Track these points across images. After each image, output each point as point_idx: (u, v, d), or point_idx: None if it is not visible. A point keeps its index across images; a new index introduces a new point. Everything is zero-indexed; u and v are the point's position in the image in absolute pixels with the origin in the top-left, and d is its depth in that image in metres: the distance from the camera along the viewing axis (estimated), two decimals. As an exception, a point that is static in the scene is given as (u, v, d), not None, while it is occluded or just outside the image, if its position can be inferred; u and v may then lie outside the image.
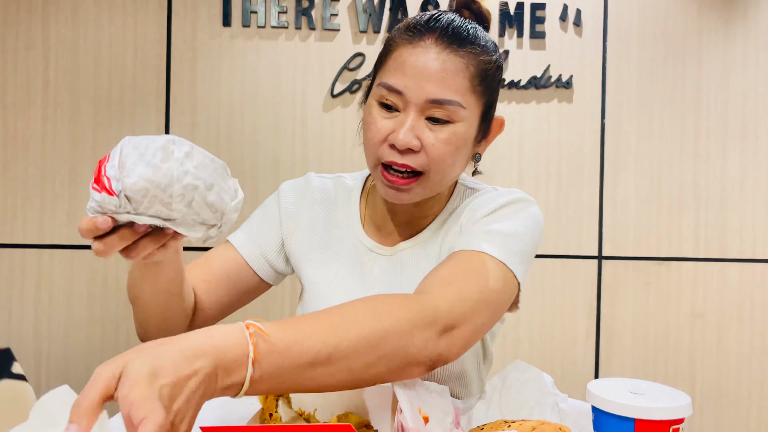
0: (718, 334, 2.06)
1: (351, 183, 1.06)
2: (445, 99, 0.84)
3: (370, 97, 0.91)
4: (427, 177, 0.87)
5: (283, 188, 1.06)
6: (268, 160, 1.99)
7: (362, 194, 1.04)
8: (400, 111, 0.87)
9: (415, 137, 0.84)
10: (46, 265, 1.96)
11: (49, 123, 1.96)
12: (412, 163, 0.85)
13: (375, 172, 0.90)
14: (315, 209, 1.03)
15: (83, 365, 1.96)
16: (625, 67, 2.05)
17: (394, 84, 0.85)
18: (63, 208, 1.96)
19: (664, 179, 2.05)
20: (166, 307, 0.86)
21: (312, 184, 1.05)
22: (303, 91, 2.00)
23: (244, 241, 1.01)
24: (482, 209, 0.92)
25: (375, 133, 0.87)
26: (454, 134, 0.86)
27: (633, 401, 0.59)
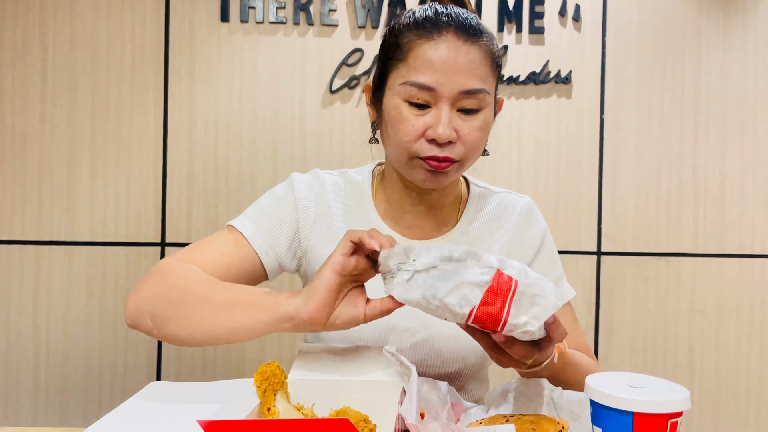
0: (717, 329, 2.06)
1: (359, 178, 1.06)
2: (476, 89, 0.88)
3: (392, 97, 0.91)
4: (462, 163, 0.92)
5: (297, 180, 1.03)
6: (266, 156, 1.98)
7: (372, 189, 1.05)
8: (430, 106, 0.88)
9: (452, 129, 0.88)
10: (45, 261, 1.96)
11: (47, 119, 1.96)
12: (452, 155, 0.89)
13: (411, 164, 0.92)
14: (331, 204, 1.02)
15: (82, 362, 1.96)
16: (624, 63, 2.04)
17: (425, 82, 0.87)
18: (61, 204, 1.96)
19: (663, 175, 2.05)
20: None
21: (323, 179, 1.04)
22: (301, 87, 1.99)
23: (255, 233, 0.97)
24: (541, 249, 1.04)
25: (410, 130, 0.89)
26: (484, 120, 0.91)
27: (631, 395, 0.59)
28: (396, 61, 0.90)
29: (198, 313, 0.78)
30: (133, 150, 1.97)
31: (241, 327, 0.76)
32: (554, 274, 1.04)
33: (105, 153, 1.97)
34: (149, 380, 1.96)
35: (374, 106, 0.98)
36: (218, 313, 0.77)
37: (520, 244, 1.03)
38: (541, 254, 1.04)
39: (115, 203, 1.97)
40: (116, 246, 1.97)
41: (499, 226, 1.04)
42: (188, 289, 0.82)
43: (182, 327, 0.79)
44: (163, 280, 0.86)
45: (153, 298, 0.84)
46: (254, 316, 0.75)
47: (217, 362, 1.98)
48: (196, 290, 0.81)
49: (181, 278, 0.85)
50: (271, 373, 0.69)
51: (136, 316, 0.85)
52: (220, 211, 1.98)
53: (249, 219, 0.99)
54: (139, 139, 1.97)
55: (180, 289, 0.82)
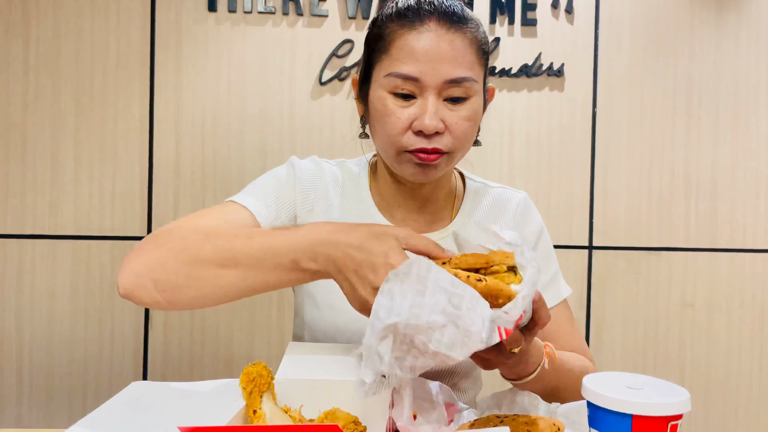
0: (707, 323, 2.06)
1: (357, 169, 1.04)
2: (462, 77, 0.85)
3: (377, 89, 0.88)
4: (451, 155, 0.90)
5: (297, 163, 1.00)
6: (254, 148, 1.95)
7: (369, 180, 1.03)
8: (416, 97, 0.86)
9: (439, 120, 0.85)
10: (28, 255, 1.92)
11: (29, 110, 1.91)
12: (440, 146, 0.87)
13: (400, 158, 0.89)
14: (329, 193, 1.00)
15: (66, 357, 1.92)
16: (616, 56, 2.03)
17: (409, 72, 0.84)
18: (45, 197, 1.92)
19: (655, 169, 2.04)
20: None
21: (322, 167, 1.02)
22: (291, 79, 1.96)
23: (261, 209, 0.92)
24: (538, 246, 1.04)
25: (396, 123, 0.86)
26: (472, 109, 0.88)
27: (630, 397, 0.57)
28: (380, 53, 0.89)
29: (219, 275, 0.75)
30: (119, 142, 1.93)
31: (263, 286, 0.76)
32: (550, 271, 1.02)
33: (89, 145, 1.93)
34: (136, 378, 1.93)
35: (362, 101, 0.96)
36: (244, 273, 0.75)
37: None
38: (537, 251, 1.03)
39: (100, 196, 1.93)
40: (101, 240, 1.93)
41: (495, 222, 1.02)
42: (201, 249, 0.77)
43: (199, 293, 0.76)
44: (167, 243, 0.79)
45: (156, 264, 0.78)
46: (279, 276, 0.75)
47: (205, 359, 1.95)
48: (212, 251, 0.76)
49: (188, 238, 0.79)
50: (257, 374, 0.66)
51: (133, 284, 0.79)
52: (207, 205, 1.94)
53: (251, 195, 0.94)
54: (124, 131, 1.93)
55: (191, 251, 0.77)
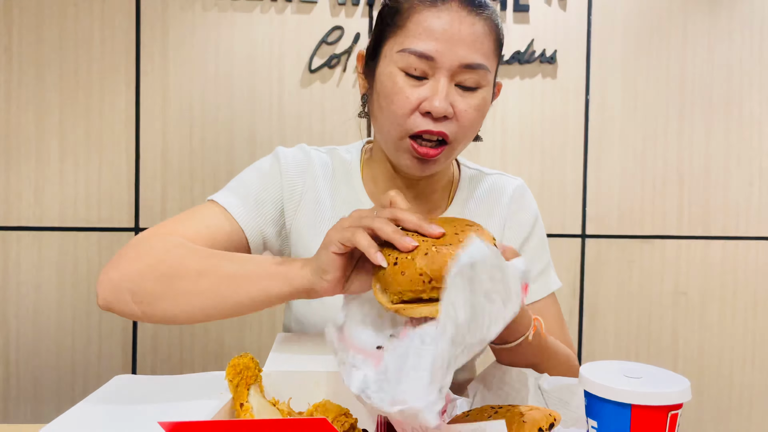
0: (700, 311, 2.05)
1: (348, 156, 1.00)
2: (477, 63, 0.82)
3: (387, 65, 0.84)
4: (453, 146, 0.86)
5: (282, 154, 0.95)
6: (243, 137, 1.92)
7: (360, 168, 0.99)
8: (427, 78, 0.82)
9: (449, 104, 0.82)
10: (12, 247, 1.88)
11: (12, 98, 1.87)
12: (446, 131, 0.83)
13: (400, 144, 0.85)
14: (318, 183, 0.96)
15: (54, 350, 1.89)
16: (609, 43, 2.01)
17: (424, 50, 0.80)
18: (29, 188, 1.88)
19: (648, 156, 2.03)
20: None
21: (310, 156, 0.97)
22: (279, 66, 1.93)
23: (240, 208, 0.89)
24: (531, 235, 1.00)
25: (404, 102, 0.82)
26: (482, 100, 0.85)
27: (629, 386, 0.55)
28: (394, 27, 0.84)
29: (197, 288, 0.72)
30: (104, 131, 1.90)
31: (249, 300, 0.71)
32: (542, 261, 1.00)
33: (74, 134, 1.89)
34: (125, 370, 1.90)
35: (366, 76, 0.91)
36: (222, 287, 0.72)
37: (512, 227, 0.99)
38: (531, 240, 1.00)
39: (86, 186, 1.90)
40: (88, 231, 1.90)
41: (490, 210, 1.00)
42: (181, 262, 0.75)
43: (177, 304, 0.73)
44: (145, 254, 0.78)
45: (134, 275, 0.76)
46: (265, 289, 0.70)
47: (195, 352, 1.92)
48: (191, 263, 0.74)
49: (168, 251, 0.77)
50: (244, 366, 0.64)
51: (112, 295, 0.76)
52: (196, 195, 1.91)
53: (233, 193, 0.91)
54: (110, 120, 1.90)
55: (169, 263, 0.75)
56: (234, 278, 0.72)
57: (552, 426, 0.65)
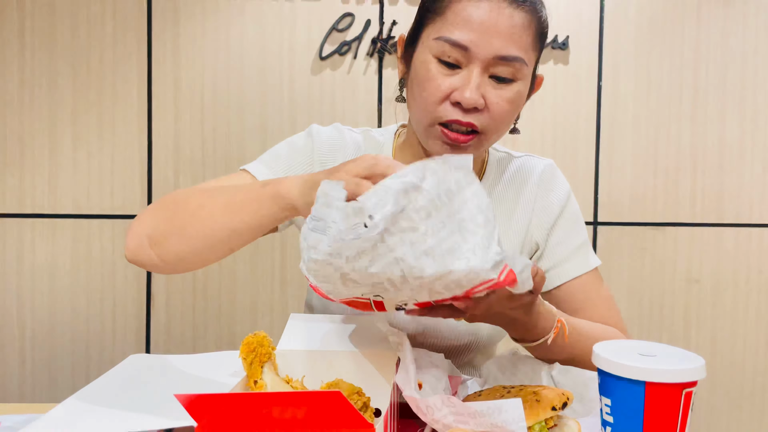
0: (713, 299, 2.04)
1: (381, 138, 1.00)
2: (513, 56, 0.81)
3: (423, 52, 0.84)
4: (484, 136, 0.85)
5: (316, 131, 0.96)
6: (254, 125, 1.92)
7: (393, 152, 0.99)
8: (461, 67, 0.82)
9: (480, 96, 0.81)
10: (27, 235, 1.90)
11: (26, 87, 1.88)
12: (476, 122, 0.82)
13: (430, 131, 0.85)
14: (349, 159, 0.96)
15: (69, 336, 1.91)
16: (622, 28, 1.99)
17: (459, 39, 0.80)
18: (43, 176, 1.90)
19: (661, 143, 2.01)
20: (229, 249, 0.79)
21: (344, 135, 0.98)
22: (290, 53, 1.92)
23: (269, 178, 0.90)
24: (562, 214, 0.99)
25: (435, 90, 0.82)
26: (517, 93, 0.84)
27: (643, 363, 0.55)
28: (433, 15, 0.84)
29: (197, 220, 0.76)
30: (117, 119, 1.91)
31: (245, 225, 0.73)
32: (577, 240, 0.98)
33: (87, 122, 1.90)
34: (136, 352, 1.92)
35: (404, 61, 0.91)
36: (217, 215, 0.75)
37: (541, 210, 0.98)
38: (562, 219, 0.98)
39: (99, 174, 1.91)
40: (101, 219, 1.91)
41: (518, 193, 0.99)
42: (184, 200, 0.79)
43: (183, 239, 0.77)
44: (161, 203, 0.84)
45: (150, 220, 0.81)
46: (256, 212, 0.72)
47: (208, 336, 1.94)
48: (192, 200, 0.78)
49: (177, 194, 0.83)
50: (258, 344, 0.65)
51: (135, 244, 0.81)
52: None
53: (264, 164, 0.93)
54: (122, 108, 1.91)
55: (175, 203, 0.80)
56: (228, 206, 0.74)
57: (565, 405, 0.65)
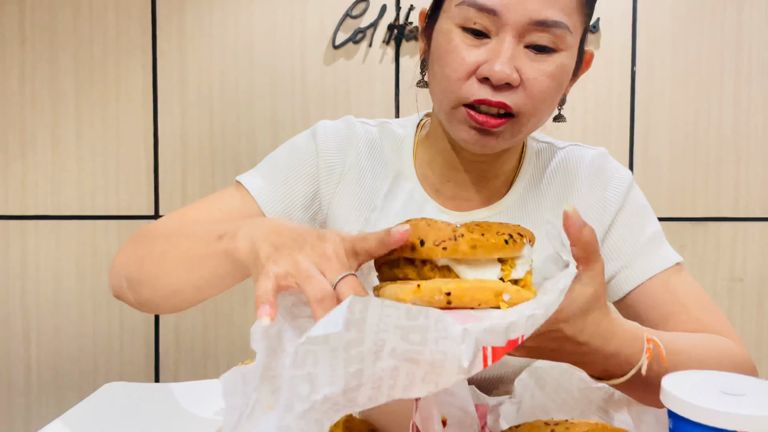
0: (758, 299, 1.89)
1: (401, 132, 0.86)
2: (552, 20, 0.67)
3: (445, 21, 0.71)
4: (520, 120, 0.71)
5: (322, 128, 0.84)
6: (265, 119, 1.82)
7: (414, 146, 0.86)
8: (490, 36, 0.68)
9: (514, 69, 0.67)
10: (31, 237, 1.82)
11: (27, 82, 1.80)
12: (508, 101, 0.68)
13: (454, 114, 0.72)
14: (362, 162, 0.83)
15: (75, 342, 1.84)
16: (657, 8, 1.84)
17: (486, 2, 0.66)
18: (46, 175, 1.82)
19: (701, 131, 1.86)
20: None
21: (355, 130, 0.85)
22: (302, 42, 1.82)
23: (266, 192, 0.80)
24: (622, 209, 0.82)
25: (459, 65, 0.69)
26: (560, 67, 0.69)
27: (730, 406, 0.43)
28: None
29: (161, 270, 0.66)
30: (121, 115, 1.82)
31: (206, 284, 0.62)
32: (646, 232, 0.81)
33: (91, 118, 1.81)
34: (147, 360, 1.84)
35: (425, 37, 0.78)
36: (180, 269, 0.64)
37: (595, 208, 0.82)
38: (623, 214, 0.82)
39: (104, 173, 1.82)
40: (107, 219, 1.83)
41: (565, 191, 0.83)
42: (152, 243, 0.69)
43: (153, 288, 0.68)
44: (133, 241, 0.74)
45: (125, 261, 0.72)
46: (213, 270, 0.60)
47: (219, 343, 1.84)
48: (158, 245, 0.68)
49: (150, 232, 0.72)
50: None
51: (116, 285, 0.74)
52: (217, 180, 1.82)
53: (260, 174, 0.82)
54: (126, 103, 1.82)
55: (145, 245, 0.70)
56: (188, 258, 0.63)
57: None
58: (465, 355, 0.43)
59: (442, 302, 0.48)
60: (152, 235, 0.71)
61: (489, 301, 0.49)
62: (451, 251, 0.49)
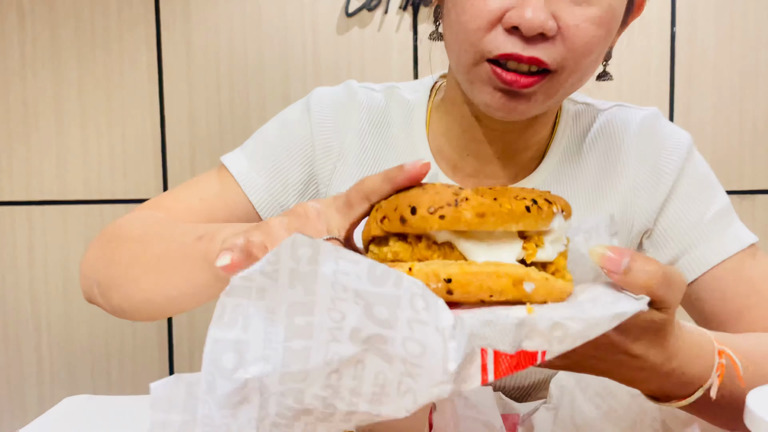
0: (811, 278, 1.75)
1: (411, 97, 0.74)
2: None
3: None
4: (558, 78, 0.58)
5: (317, 98, 0.73)
6: (276, 94, 1.72)
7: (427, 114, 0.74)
8: None
9: (550, 15, 0.55)
10: (38, 223, 1.76)
11: (27, 62, 1.73)
12: (543, 56, 0.56)
13: (475, 72, 0.59)
14: (364, 137, 0.72)
15: (86, 329, 1.78)
16: (699, -38, 1.69)
17: None
18: (51, 159, 1.75)
19: (748, 97, 1.71)
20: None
21: (357, 97, 0.73)
22: (312, 11, 1.70)
23: (251, 175, 0.69)
24: (680, 180, 0.68)
25: (480, 11, 0.56)
26: (608, 10, 0.57)
27: None
28: None
29: (130, 276, 0.56)
30: (126, 94, 1.73)
31: (178, 293, 0.52)
32: (708, 210, 0.67)
33: (94, 98, 1.73)
34: (160, 347, 1.77)
35: None
36: (150, 276, 0.54)
37: (646, 179, 0.69)
38: (682, 185, 0.69)
39: (110, 156, 1.75)
40: (114, 204, 1.76)
41: (608, 159, 0.71)
42: (120, 244, 0.60)
43: (123, 297, 0.58)
44: (99, 241, 0.64)
45: (94, 262, 0.63)
46: (187, 277, 0.50)
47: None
48: (127, 246, 0.59)
49: (120, 227, 0.63)
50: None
51: (87, 290, 0.65)
52: (227, 160, 1.73)
53: (246, 154, 0.71)
54: (131, 81, 1.73)
55: (112, 248, 0.61)
56: (160, 262, 0.53)
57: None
58: (452, 354, 0.30)
59: (440, 292, 0.35)
60: (122, 234, 0.62)
61: (505, 291, 0.35)
62: (451, 221, 0.36)
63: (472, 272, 0.35)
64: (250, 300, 0.30)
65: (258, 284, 0.29)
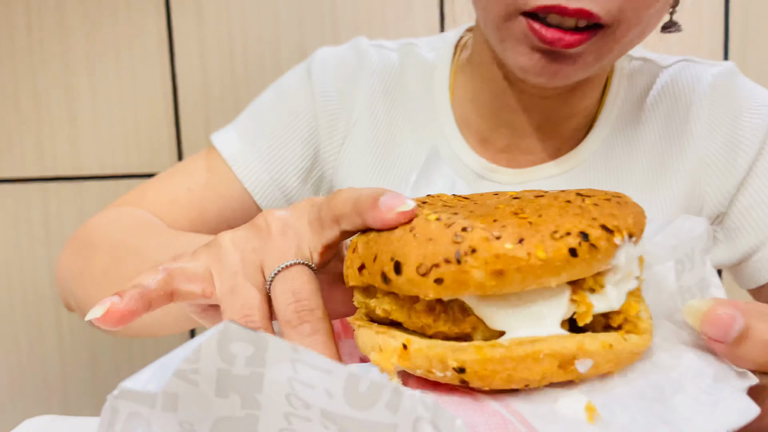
0: None
1: (431, 56, 0.65)
2: None
3: None
4: (613, 34, 0.47)
5: (319, 63, 0.65)
6: (292, 56, 1.62)
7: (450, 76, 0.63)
8: None
9: None
10: (53, 200, 1.71)
11: (34, 32, 1.66)
12: (595, 7, 0.45)
13: (508, 28, 0.48)
14: (376, 104, 0.63)
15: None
16: None
17: None
18: (63, 132, 1.68)
19: (813, 43, 1.55)
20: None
21: (367, 58, 0.65)
22: (329, -34, 1.60)
23: (245, 158, 0.61)
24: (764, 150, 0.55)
25: None
26: None
27: None
28: None
29: (102, 293, 0.50)
30: (136, 62, 1.65)
31: (154, 321, 0.44)
32: None
33: (104, 67, 1.66)
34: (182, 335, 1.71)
35: None
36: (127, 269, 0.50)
37: (720, 149, 0.58)
38: (763, 159, 0.57)
39: (123, 128, 1.68)
40: (130, 179, 1.70)
41: (672, 125, 0.60)
42: (95, 252, 0.55)
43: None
44: (75, 241, 0.61)
45: (67, 272, 0.59)
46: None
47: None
48: (99, 258, 0.53)
49: (94, 232, 0.59)
50: None
51: (63, 296, 0.62)
52: (243, 129, 1.65)
53: (238, 132, 0.64)
54: (141, 49, 1.65)
55: (87, 254, 0.56)
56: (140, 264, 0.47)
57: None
58: None
59: (451, 381, 0.25)
60: (94, 242, 0.56)
61: (548, 376, 0.25)
62: (454, 286, 0.24)
63: (496, 359, 0.24)
64: (153, 410, 0.19)
65: (168, 389, 0.19)
